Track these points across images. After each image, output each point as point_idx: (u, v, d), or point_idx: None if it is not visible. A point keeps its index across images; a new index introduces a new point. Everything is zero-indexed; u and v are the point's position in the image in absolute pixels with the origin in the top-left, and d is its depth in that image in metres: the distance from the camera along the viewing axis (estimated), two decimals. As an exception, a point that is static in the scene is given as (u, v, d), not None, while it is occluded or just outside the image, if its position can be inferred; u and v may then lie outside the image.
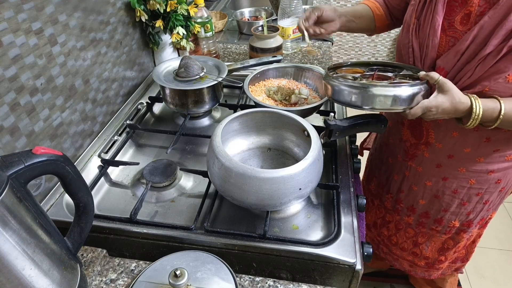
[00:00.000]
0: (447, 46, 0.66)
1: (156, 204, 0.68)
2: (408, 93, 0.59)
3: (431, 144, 0.79)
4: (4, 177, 0.39)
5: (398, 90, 0.59)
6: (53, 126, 0.69)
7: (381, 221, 1.06)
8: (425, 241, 0.98)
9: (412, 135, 0.82)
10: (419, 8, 0.69)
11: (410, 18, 0.71)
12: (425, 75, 0.61)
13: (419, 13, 0.69)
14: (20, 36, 0.59)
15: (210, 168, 0.62)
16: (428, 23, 0.67)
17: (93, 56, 0.80)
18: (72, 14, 0.71)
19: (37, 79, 0.64)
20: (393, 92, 0.59)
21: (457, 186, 0.82)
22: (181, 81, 0.84)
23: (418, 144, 0.81)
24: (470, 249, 1.02)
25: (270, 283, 0.54)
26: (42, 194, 0.66)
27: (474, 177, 0.79)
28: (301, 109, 0.78)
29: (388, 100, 0.60)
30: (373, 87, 0.60)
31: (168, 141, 0.84)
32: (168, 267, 0.51)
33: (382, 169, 0.98)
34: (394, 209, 0.98)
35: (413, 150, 0.84)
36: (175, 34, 1.00)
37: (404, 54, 0.74)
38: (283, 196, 0.57)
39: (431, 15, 0.66)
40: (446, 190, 0.84)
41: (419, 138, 0.80)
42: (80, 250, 0.58)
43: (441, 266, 1.04)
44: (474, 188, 0.81)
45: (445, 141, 0.76)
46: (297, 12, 1.15)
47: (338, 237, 0.59)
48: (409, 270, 1.10)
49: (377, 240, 1.12)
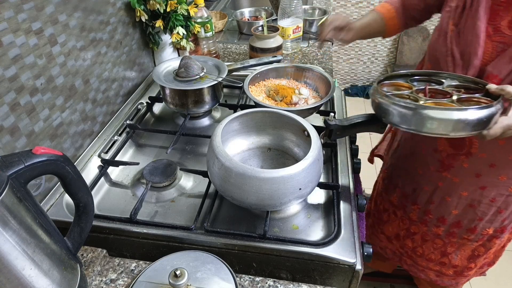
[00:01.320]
0: (495, 52, 0.63)
1: (156, 204, 0.68)
2: (488, 115, 0.50)
3: (472, 154, 0.75)
4: (4, 177, 0.39)
5: (476, 112, 0.49)
6: (53, 126, 0.69)
7: (405, 233, 1.01)
8: (454, 250, 0.95)
9: (450, 145, 0.78)
10: (457, 15, 0.66)
11: (446, 25, 0.68)
12: (499, 89, 0.54)
13: (458, 19, 0.66)
14: (20, 36, 0.59)
15: (210, 168, 0.62)
16: (469, 30, 0.64)
17: (93, 56, 0.80)
18: (72, 14, 0.71)
19: (37, 79, 0.64)
20: (473, 116, 0.50)
21: (495, 194, 0.79)
22: (181, 81, 0.84)
23: (457, 155, 0.77)
24: (498, 253, 0.98)
25: (270, 283, 0.54)
26: (42, 194, 0.66)
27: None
28: (301, 109, 0.78)
29: (466, 125, 0.50)
30: (449, 111, 0.50)
31: (168, 141, 0.84)
32: (168, 267, 0.51)
33: (407, 180, 0.93)
34: (421, 220, 0.94)
35: (450, 160, 0.80)
36: (175, 34, 1.00)
37: (442, 63, 0.70)
38: (283, 196, 0.57)
39: (472, 22, 0.63)
40: (483, 199, 0.81)
41: (459, 148, 0.76)
42: (80, 250, 0.58)
43: (469, 273, 1.00)
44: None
45: (490, 151, 0.72)
46: (297, 12, 1.15)
47: (338, 237, 0.59)
48: (435, 280, 1.05)
49: (400, 252, 1.08)
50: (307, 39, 1.29)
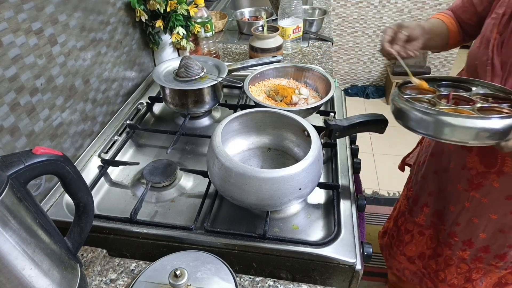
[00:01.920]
0: None
1: (156, 204, 0.68)
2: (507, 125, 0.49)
3: (505, 173, 0.70)
4: (4, 177, 0.39)
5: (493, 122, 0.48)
6: (53, 126, 0.69)
7: (431, 252, 0.95)
8: (480, 276, 0.88)
9: (481, 162, 0.73)
10: (503, 23, 0.63)
11: (490, 33, 0.65)
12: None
13: (503, 28, 0.63)
14: (20, 36, 0.59)
15: (210, 168, 0.62)
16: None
17: (93, 56, 0.80)
18: (72, 14, 0.71)
19: (37, 79, 0.64)
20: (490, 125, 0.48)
21: None
22: (181, 81, 0.84)
23: (488, 173, 0.73)
24: None
25: (270, 283, 0.54)
26: (42, 194, 0.66)
27: None
28: (301, 109, 0.78)
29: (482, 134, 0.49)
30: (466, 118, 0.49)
31: (168, 141, 0.84)
32: (168, 267, 0.51)
33: (438, 198, 0.88)
34: (446, 243, 0.89)
35: (479, 179, 0.75)
36: (175, 34, 1.00)
37: (481, 71, 0.67)
38: (283, 196, 0.57)
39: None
40: None
41: (490, 166, 0.71)
42: (80, 250, 0.58)
43: None
44: None
45: None
46: (297, 12, 1.15)
47: (338, 237, 0.59)
48: None
49: (422, 273, 1.01)
50: (307, 39, 1.29)
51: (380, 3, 2.30)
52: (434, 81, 0.65)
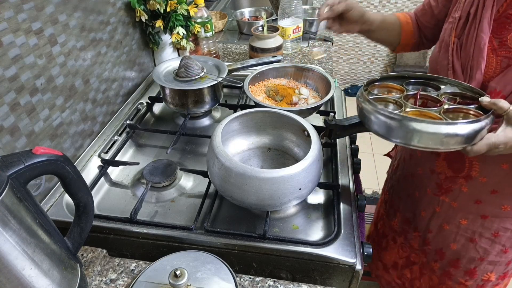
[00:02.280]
0: (499, 67, 0.58)
1: (156, 204, 0.68)
2: (472, 130, 0.47)
3: (473, 178, 0.70)
4: (4, 177, 0.39)
5: (462, 127, 0.46)
6: (53, 126, 0.69)
7: (404, 262, 0.94)
8: None
9: (449, 167, 0.72)
10: (460, 26, 0.62)
11: (448, 37, 0.65)
12: (491, 103, 0.50)
13: (460, 31, 0.62)
14: (20, 36, 0.59)
15: (210, 168, 0.62)
16: (471, 42, 0.60)
17: (93, 56, 0.80)
18: (72, 14, 0.71)
19: (37, 79, 0.64)
20: (455, 130, 0.47)
21: (498, 227, 0.72)
22: (181, 81, 0.84)
23: (456, 178, 0.72)
24: None
25: (270, 283, 0.54)
26: (42, 194, 0.66)
27: None
28: (301, 109, 0.78)
29: (446, 139, 0.48)
30: (430, 124, 0.47)
31: (168, 141, 0.84)
32: (168, 267, 0.51)
33: (407, 203, 0.87)
34: (422, 249, 0.88)
35: (448, 184, 0.74)
36: (175, 34, 1.00)
37: (443, 75, 0.65)
38: (283, 196, 0.57)
39: (475, 34, 0.59)
40: (484, 232, 0.74)
41: (458, 171, 0.71)
42: (80, 250, 0.58)
43: None
44: None
45: (492, 175, 0.67)
46: (297, 12, 1.15)
47: (338, 237, 0.59)
48: None
49: (396, 283, 0.99)
50: (307, 39, 1.29)
51: (380, 3, 2.30)
52: (404, 79, 0.63)
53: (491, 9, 0.58)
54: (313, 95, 0.89)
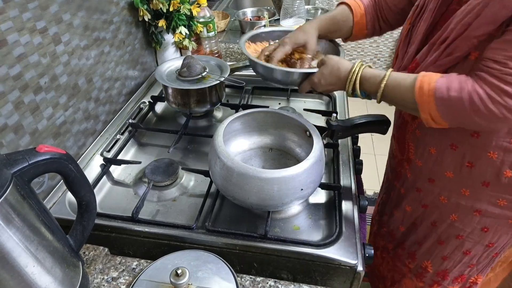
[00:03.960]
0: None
1: (158, 203, 0.69)
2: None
3: (411, 161, 0.72)
4: (8, 174, 0.39)
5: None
6: (56, 124, 0.69)
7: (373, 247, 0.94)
8: (398, 280, 0.88)
9: (398, 149, 0.76)
10: (416, 14, 0.63)
11: (405, 23, 0.67)
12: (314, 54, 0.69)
13: (414, 19, 0.64)
14: (24, 35, 0.59)
15: (211, 167, 0.62)
16: (416, 30, 0.62)
17: (96, 55, 0.80)
18: (76, 13, 0.72)
19: (41, 78, 0.64)
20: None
21: (436, 218, 0.72)
22: (184, 80, 0.84)
23: (402, 161, 0.75)
24: None
25: (271, 283, 0.54)
26: (45, 192, 0.67)
27: (456, 212, 0.68)
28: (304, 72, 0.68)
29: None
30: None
31: (170, 140, 0.85)
32: (169, 266, 0.52)
33: (381, 190, 0.93)
34: (378, 233, 0.92)
35: (398, 167, 0.78)
36: (178, 34, 1.00)
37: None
38: (285, 197, 0.57)
39: (419, 23, 0.62)
40: (424, 220, 0.75)
41: (402, 152, 0.75)
42: (82, 248, 0.58)
43: None
44: (454, 226, 0.70)
45: (424, 158, 0.68)
46: (299, 12, 1.15)
47: (339, 238, 0.59)
48: None
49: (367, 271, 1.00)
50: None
51: None
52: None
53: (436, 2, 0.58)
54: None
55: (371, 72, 0.59)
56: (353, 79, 0.60)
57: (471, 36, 0.51)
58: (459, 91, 0.50)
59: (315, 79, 0.65)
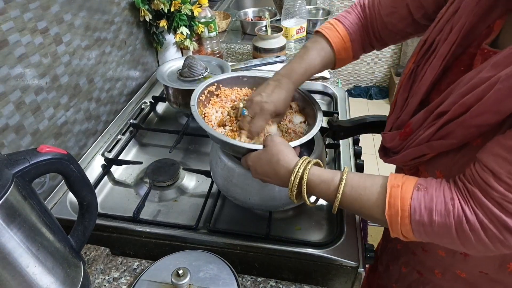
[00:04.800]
0: None
1: (159, 203, 0.69)
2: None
3: None
4: (10, 175, 0.39)
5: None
6: (58, 124, 0.69)
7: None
8: None
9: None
10: (422, 52, 0.50)
11: (408, 62, 0.53)
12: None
13: (420, 58, 0.50)
14: (25, 35, 0.59)
15: (212, 168, 0.62)
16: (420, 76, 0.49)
17: (98, 56, 0.80)
18: (77, 13, 0.72)
19: (42, 78, 0.64)
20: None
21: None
22: (185, 80, 0.84)
23: None
24: None
25: (272, 284, 0.54)
26: (46, 192, 0.67)
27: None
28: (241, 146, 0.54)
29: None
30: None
31: (171, 140, 0.85)
32: (171, 266, 0.52)
33: None
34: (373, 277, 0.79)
35: None
36: (179, 34, 1.00)
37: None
38: (286, 197, 0.56)
39: (426, 67, 0.48)
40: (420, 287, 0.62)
41: None
42: (83, 248, 0.58)
43: None
44: None
45: None
46: (300, 13, 1.15)
47: (340, 239, 0.58)
48: None
49: None
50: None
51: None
52: None
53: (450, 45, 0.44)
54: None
55: (320, 175, 0.46)
56: (296, 183, 0.46)
57: (470, 125, 0.39)
58: (444, 214, 0.38)
59: (249, 161, 0.51)
